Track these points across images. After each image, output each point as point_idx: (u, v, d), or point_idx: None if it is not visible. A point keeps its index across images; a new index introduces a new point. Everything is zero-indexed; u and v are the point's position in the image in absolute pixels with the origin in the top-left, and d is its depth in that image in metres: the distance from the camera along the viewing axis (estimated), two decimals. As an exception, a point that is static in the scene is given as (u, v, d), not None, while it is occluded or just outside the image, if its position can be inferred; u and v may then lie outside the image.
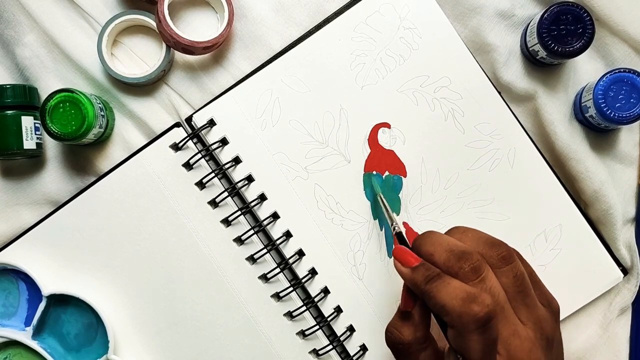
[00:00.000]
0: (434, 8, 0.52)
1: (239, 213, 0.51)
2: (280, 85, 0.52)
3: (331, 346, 0.51)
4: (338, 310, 0.52)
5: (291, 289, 0.51)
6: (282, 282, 0.51)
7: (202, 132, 0.52)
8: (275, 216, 0.52)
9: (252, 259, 0.51)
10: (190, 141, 0.51)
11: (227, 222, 0.52)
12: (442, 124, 0.52)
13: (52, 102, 0.48)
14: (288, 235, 0.52)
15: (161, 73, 0.52)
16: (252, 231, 0.51)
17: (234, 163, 0.52)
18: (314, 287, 0.52)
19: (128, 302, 0.52)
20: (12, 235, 0.52)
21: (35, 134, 0.51)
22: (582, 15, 0.49)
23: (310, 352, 0.51)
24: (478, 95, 0.52)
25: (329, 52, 0.52)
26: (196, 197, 0.52)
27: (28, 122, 0.51)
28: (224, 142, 0.52)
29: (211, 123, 0.52)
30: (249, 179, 0.52)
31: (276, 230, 0.52)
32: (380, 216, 0.52)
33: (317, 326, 0.51)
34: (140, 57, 0.54)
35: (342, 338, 0.51)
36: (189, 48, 0.51)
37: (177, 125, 0.52)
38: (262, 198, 0.52)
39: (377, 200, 0.51)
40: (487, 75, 0.53)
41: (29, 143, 0.51)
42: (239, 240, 0.52)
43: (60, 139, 0.49)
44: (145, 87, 0.53)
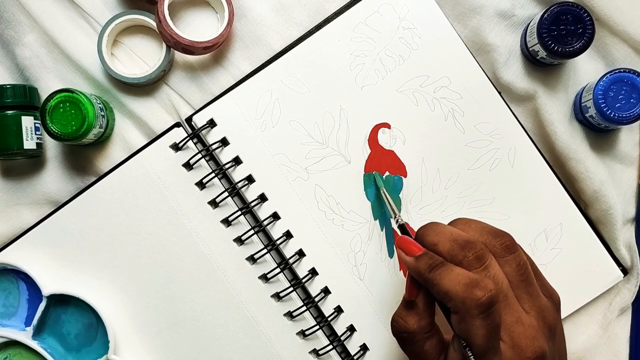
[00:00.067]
0: (434, 8, 0.52)
1: (239, 213, 0.51)
2: (280, 85, 0.52)
3: (331, 346, 0.51)
4: (338, 310, 0.52)
5: (291, 289, 0.51)
6: (283, 282, 0.51)
7: (202, 133, 0.52)
8: (275, 216, 0.52)
9: (252, 259, 0.51)
10: (190, 141, 0.51)
11: (228, 222, 0.52)
12: (442, 124, 0.52)
13: (52, 102, 0.48)
14: (288, 235, 0.52)
15: (161, 73, 0.52)
16: (253, 231, 0.51)
17: (234, 163, 0.52)
18: (314, 287, 0.52)
19: (128, 302, 0.52)
20: (12, 235, 0.52)
21: (35, 134, 0.51)
22: (582, 15, 0.49)
23: (310, 352, 0.51)
24: (478, 95, 0.52)
25: (329, 53, 0.52)
26: (196, 197, 0.52)
27: (28, 122, 0.51)
28: (224, 143, 0.52)
29: (211, 123, 0.52)
30: (249, 180, 0.52)
31: (276, 230, 0.52)
32: (381, 216, 0.52)
33: (318, 326, 0.51)
34: (140, 57, 0.54)
35: (343, 338, 0.51)
36: (189, 48, 0.51)
37: (177, 125, 0.52)
38: (263, 198, 0.52)
39: (380, 195, 0.51)
40: (487, 75, 0.53)
41: (29, 143, 0.51)
42: (239, 240, 0.52)
43: (60, 139, 0.49)
44: (145, 87, 0.53)
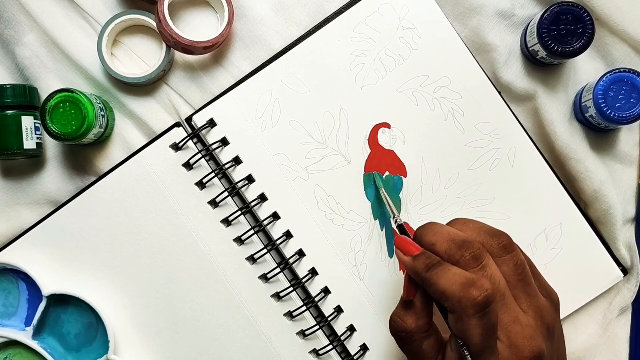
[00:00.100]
0: (434, 8, 0.52)
1: (240, 213, 0.51)
2: (280, 86, 0.52)
3: (331, 346, 0.51)
4: (339, 310, 0.52)
5: (291, 289, 0.51)
6: (283, 282, 0.51)
7: (203, 133, 0.52)
8: (275, 216, 0.52)
9: (253, 259, 0.51)
10: (190, 141, 0.51)
11: (228, 222, 0.52)
12: (442, 124, 0.52)
13: (53, 102, 0.48)
14: (288, 235, 0.52)
15: (161, 73, 0.52)
16: (253, 231, 0.51)
17: (235, 163, 0.52)
18: (315, 287, 0.52)
19: (128, 302, 0.52)
20: (12, 235, 0.52)
21: (35, 134, 0.51)
22: (582, 15, 0.49)
23: (310, 352, 0.51)
24: (478, 95, 0.52)
25: (329, 53, 0.52)
26: (196, 197, 0.52)
27: (28, 122, 0.51)
28: (225, 143, 0.52)
29: (211, 123, 0.52)
30: (250, 180, 0.52)
31: (276, 230, 0.52)
32: (381, 217, 0.52)
33: (318, 326, 0.51)
34: (140, 57, 0.54)
35: (343, 338, 0.51)
36: (189, 48, 0.51)
37: (178, 125, 0.52)
38: (263, 198, 0.52)
39: (379, 195, 0.51)
40: (487, 75, 0.53)
41: (29, 143, 0.51)
42: (239, 240, 0.51)
43: (60, 139, 0.49)
44: (145, 87, 0.53)
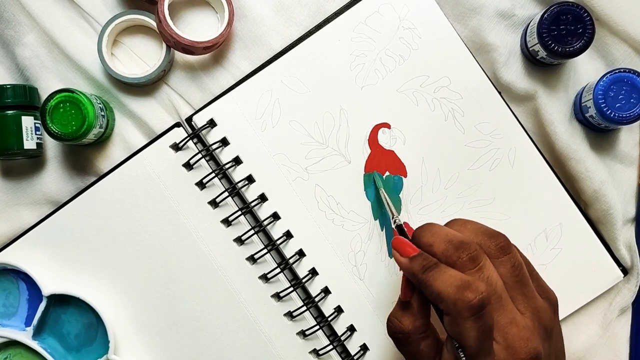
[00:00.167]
0: (434, 8, 0.52)
1: (240, 213, 0.51)
2: (280, 85, 0.52)
3: (331, 346, 0.51)
4: (339, 310, 0.52)
5: (291, 289, 0.51)
6: (283, 282, 0.51)
7: (203, 133, 0.52)
8: (275, 216, 0.52)
9: (253, 259, 0.51)
10: (190, 141, 0.51)
11: (228, 222, 0.52)
12: (442, 124, 0.52)
13: (53, 102, 0.48)
14: (288, 235, 0.52)
15: (161, 73, 0.52)
16: (253, 231, 0.51)
17: (235, 163, 0.52)
18: (315, 287, 0.52)
19: (128, 302, 0.52)
20: (12, 235, 0.52)
21: (35, 134, 0.51)
22: (582, 15, 0.49)
23: (310, 352, 0.51)
24: (478, 95, 0.52)
25: (329, 53, 0.52)
26: (196, 197, 0.52)
27: (28, 122, 0.51)
28: (225, 143, 0.52)
29: (211, 123, 0.52)
30: (250, 180, 0.52)
31: (276, 230, 0.52)
32: (381, 217, 0.52)
33: (318, 326, 0.51)
34: (140, 57, 0.54)
35: (343, 338, 0.51)
36: (189, 48, 0.51)
37: (178, 125, 0.52)
38: (263, 198, 0.52)
39: (379, 196, 0.51)
40: (487, 75, 0.53)
41: (29, 143, 0.51)
42: (239, 240, 0.51)
43: (60, 139, 0.49)
44: (145, 87, 0.53)
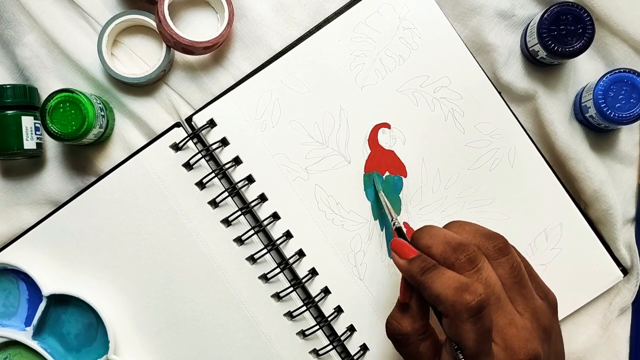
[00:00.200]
0: (434, 8, 0.52)
1: (239, 213, 0.51)
2: (280, 85, 0.52)
3: (331, 346, 0.51)
4: (338, 310, 0.52)
5: (291, 289, 0.51)
6: (283, 282, 0.51)
7: (202, 133, 0.52)
8: (275, 216, 0.52)
9: (252, 259, 0.51)
10: (190, 141, 0.51)
11: (228, 222, 0.52)
12: (442, 124, 0.52)
13: (52, 102, 0.48)
14: (288, 235, 0.52)
15: (161, 73, 0.52)
16: (253, 231, 0.51)
17: (234, 163, 0.52)
18: (315, 287, 0.52)
19: (128, 302, 0.52)
20: (12, 235, 0.52)
21: (35, 134, 0.51)
22: (582, 15, 0.49)
23: (310, 352, 0.51)
24: (478, 95, 0.52)
25: (329, 53, 0.52)
26: (196, 197, 0.52)
27: (28, 122, 0.51)
28: (224, 143, 0.52)
29: (211, 123, 0.52)
30: (249, 180, 0.52)
31: (276, 230, 0.52)
32: (381, 217, 0.52)
33: (318, 326, 0.51)
34: (140, 57, 0.54)
35: (343, 338, 0.51)
36: (189, 48, 0.51)
37: (177, 125, 0.52)
38: (263, 198, 0.52)
39: (379, 198, 0.51)
40: (487, 75, 0.53)
41: (29, 143, 0.51)
42: (239, 240, 0.51)
43: (60, 139, 0.49)
44: (145, 87, 0.53)
